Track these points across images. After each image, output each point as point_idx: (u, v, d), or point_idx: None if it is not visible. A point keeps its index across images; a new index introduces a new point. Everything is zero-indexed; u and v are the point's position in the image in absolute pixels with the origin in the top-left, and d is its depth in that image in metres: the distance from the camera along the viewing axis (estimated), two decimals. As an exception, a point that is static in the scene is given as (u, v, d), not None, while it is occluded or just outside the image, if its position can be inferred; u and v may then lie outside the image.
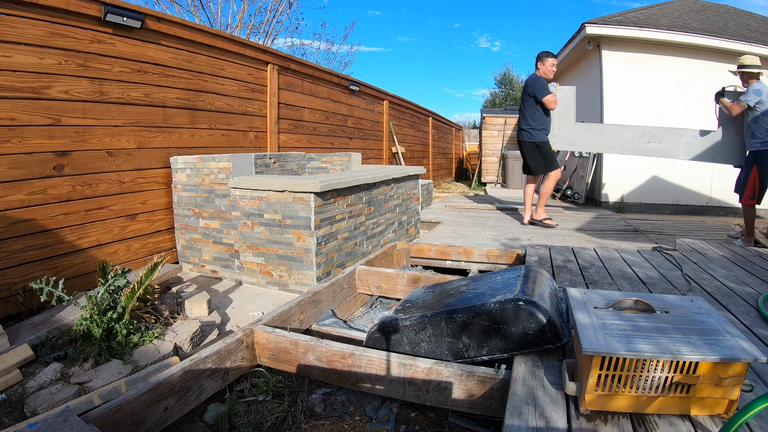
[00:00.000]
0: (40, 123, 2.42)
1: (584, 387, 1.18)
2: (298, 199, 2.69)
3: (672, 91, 6.45)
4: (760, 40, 6.33)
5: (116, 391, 1.65)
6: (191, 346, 2.06)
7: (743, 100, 3.93)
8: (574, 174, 7.79)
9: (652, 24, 6.39)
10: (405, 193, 4.02)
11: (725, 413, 1.14)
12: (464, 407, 1.50)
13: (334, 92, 5.68)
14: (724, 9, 8.23)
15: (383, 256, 3.23)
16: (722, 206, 6.58)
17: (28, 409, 1.57)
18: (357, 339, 1.99)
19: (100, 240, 2.79)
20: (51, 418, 1.15)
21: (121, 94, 2.85)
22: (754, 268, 2.69)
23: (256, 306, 2.62)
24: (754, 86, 3.91)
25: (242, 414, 1.62)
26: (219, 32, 3.73)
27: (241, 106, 3.97)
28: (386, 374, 1.59)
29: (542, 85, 4.60)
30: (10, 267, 2.31)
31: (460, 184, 12.72)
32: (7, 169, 2.28)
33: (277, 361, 1.79)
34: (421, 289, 2.12)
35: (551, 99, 4.55)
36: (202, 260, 3.23)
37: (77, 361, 1.85)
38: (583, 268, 2.72)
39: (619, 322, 1.29)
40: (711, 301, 2.09)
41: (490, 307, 1.55)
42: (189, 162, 3.14)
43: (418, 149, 9.81)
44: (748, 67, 4.00)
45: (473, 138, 16.60)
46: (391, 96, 7.82)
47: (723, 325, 1.26)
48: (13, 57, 2.28)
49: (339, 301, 2.52)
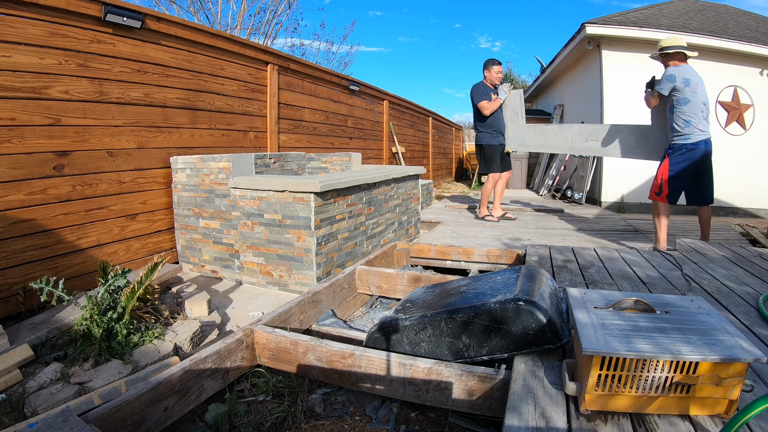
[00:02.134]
0: (40, 123, 2.42)
1: (584, 387, 1.18)
2: (298, 199, 2.69)
3: (672, 91, 6.44)
4: (760, 40, 6.33)
5: (116, 391, 1.64)
6: (191, 346, 2.06)
7: (656, 90, 3.55)
8: (574, 174, 7.79)
9: (652, 24, 6.39)
10: (405, 193, 4.02)
11: (725, 413, 1.14)
12: (464, 407, 1.50)
13: (334, 92, 5.68)
14: (724, 9, 8.23)
15: (383, 256, 3.22)
16: (722, 206, 6.58)
17: (28, 409, 1.57)
18: (357, 339, 1.99)
19: (100, 240, 2.79)
20: (51, 418, 1.15)
21: (121, 94, 2.85)
22: (754, 268, 2.69)
23: (256, 306, 2.62)
24: (667, 72, 3.45)
25: (242, 414, 1.62)
26: (219, 32, 3.73)
27: (241, 106, 3.97)
28: (386, 374, 1.59)
29: (480, 91, 4.87)
30: (10, 267, 2.31)
31: (460, 184, 12.71)
32: (7, 169, 2.28)
33: (277, 361, 1.79)
34: (421, 289, 2.12)
35: (484, 105, 4.82)
36: (202, 260, 3.23)
37: (77, 361, 1.85)
38: (583, 267, 2.72)
39: (619, 321, 1.29)
40: (711, 301, 2.09)
41: (490, 306, 1.55)
42: (189, 162, 3.14)
43: (418, 149, 9.80)
44: (666, 49, 3.52)
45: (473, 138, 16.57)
46: (391, 96, 7.82)
47: (723, 324, 1.26)
48: (13, 57, 2.28)
49: (339, 301, 2.52)
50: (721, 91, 6.49)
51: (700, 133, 3.42)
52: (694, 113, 3.39)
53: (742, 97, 6.51)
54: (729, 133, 6.56)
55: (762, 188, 6.62)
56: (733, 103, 6.51)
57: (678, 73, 3.39)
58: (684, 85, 3.37)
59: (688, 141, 3.44)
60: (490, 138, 4.94)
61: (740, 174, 6.61)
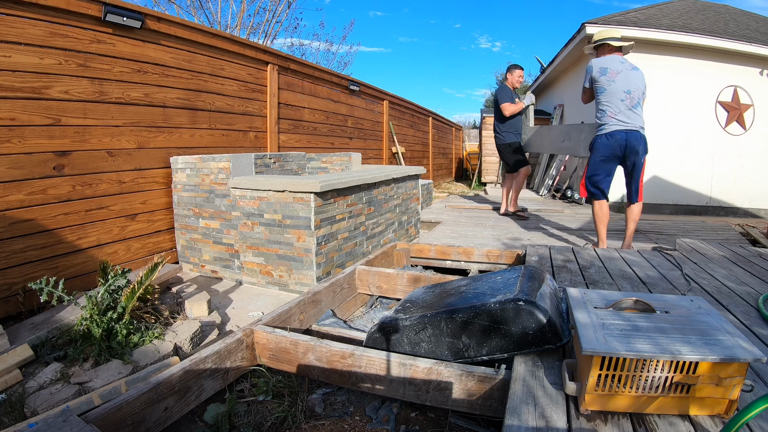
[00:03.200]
0: (40, 123, 2.42)
1: (584, 387, 1.18)
2: (298, 199, 2.69)
3: (672, 90, 6.45)
4: (760, 40, 6.33)
5: (116, 391, 1.64)
6: (191, 346, 2.06)
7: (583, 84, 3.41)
8: (574, 174, 7.79)
9: (653, 24, 6.39)
10: (405, 193, 4.02)
11: (725, 413, 1.14)
12: (464, 407, 1.50)
13: (334, 92, 5.68)
14: (724, 9, 8.23)
15: (383, 256, 3.22)
16: (722, 206, 6.58)
17: (28, 409, 1.57)
18: (357, 339, 1.99)
19: (100, 240, 2.79)
20: (51, 418, 1.15)
21: (121, 94, 2.85)
22: (754, 268, 2.69)
23: (256, 306, 2.62)
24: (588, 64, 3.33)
25: (242, 414, 1.62)
26: (219, 32, 3.73)
27: (241, 106, 3.97)
28: (386, 374, 1.59)
29: (506, 93, 5.12)
30: (10, 267, 2.31)
31: (460, 184, 12.71)
32: (7, 169, 2.28)
33: (277, 361, 1.79)
34: (421, 289, 2.12)
35: (506, 106, 5.05)
36: (202, 260, 3.23)
37: (77, 361, 1.85)
38: (583, 268, 2.72)
39: (619, 322, 1.29)
40: (711, 301, 2.09)
41: (490, 306, 1.55)
42: (189, 162, 3.13)
43: (418, 149, 9.81)
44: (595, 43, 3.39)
45: (473, 138, 16.59)
46: (391, 96, 7.82)
47: (723, 324, 1.26)
48: (13, 57, 2.28)
49: (339, 301, 2.52)
50: (721, 91, 6.48)
51: (616, 123, 3.19)
52: (610, 102, 3.21)
53: (742, 97, 6.51)
54: (729, 133, 6.56)
55: (762, 188, 6.61)
56: (733, 103, 6.51)
57: (596, 63, 3.28)
58: (600, 75, 3.24)
59: (603, 131, 3.26)
60: (514, 137, 5.24)
61: (740, 174, 6.61)
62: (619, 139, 3.21)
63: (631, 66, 3.25)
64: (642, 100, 3.25)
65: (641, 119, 3.22)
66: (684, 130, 6.49)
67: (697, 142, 6.51)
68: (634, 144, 3.19)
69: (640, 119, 3.21)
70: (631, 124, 3.19)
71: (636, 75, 3.23)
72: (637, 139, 3.19)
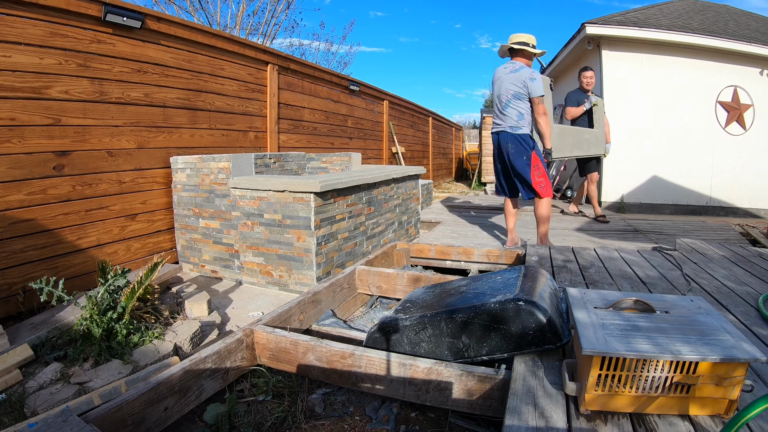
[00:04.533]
0: (40, 123, 2.42)
1: (584, 387, 1.18)
2: (298, 199, 2.69)
3: (672, 91, 6.45)
4: (760, 40, 6.32)
5: (116, 391, 1.64)
6: (191, 346, 2.06)
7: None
8: (574, 174, 7.79)
9: (652, 24, 6.38)
10: (405, 193, 4.02)
11: (725, 413, 1.14)
12: (464, 407, 1.50)
13: (334, 92, 5.68)
14: (724, 9, 8.22)
15: (383, 256, 3.22)
16: (722, 206, 6.58)
17: (28, 409, 1.57)
18: (357, 339, 1.99)
19: (100, 240, 2.79)
20: (51, 418, 1.15)
21: (121, 94, 2.85)
22: (754, 268, 2.69)
23: (256, 306, 2.62)
24: None
25: (242, 414, 1.62)
26: (219, 32, 3.73)
27: (241, 106, 3.97)
28: (386, 374, 1.59)
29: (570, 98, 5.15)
30: (10, 267, 2.31)
31: (460, 184, 12.71)
32: (7, 169, 2.28)
33: (277, 361, 1.79)
34: (421, 289, 2.12)
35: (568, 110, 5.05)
36: (202, 260, 3.23)
37: (77, 361, 1.85)
38: (583, 268, 2.72)
39: (619, 321, 1.29)
40: (711, 301, 2.08)
41: (490, 306, 1.55)
42: (189, 162, 3.13)
43: (418, 149, 9.80)
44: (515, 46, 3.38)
45: (473, 138, 16.60)
46: (391, 96, 7.82)
47: (723, 325, 1.26)
48: (13, 57, 2.28)
49: (339, 301, 2.51)
50: (721, 91, 6.48)
51: (493, 127, 3.55)
52: (493, 107, 3.55)
53: (742, 97, 6.51)
54: (729, 133, 6.55)
55: (762, 188, 6.61)
56: (733, 103, 6.51)
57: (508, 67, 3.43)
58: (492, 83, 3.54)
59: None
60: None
61: (740, 174, 6.60)
62: (494, 141, 3.56)
63: (512, 69, 3.35)
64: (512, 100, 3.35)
65: (511, 119, 3.39)
66: (684, 130, 6.49)
67: (697, 142, 6.51)
68: (503, 144, 3.45)
69: (509, 119, 3.40)
70: (500, 126, 3.46)
71: (508, 78, 3.36)
72: (505, 139, 3.42)
